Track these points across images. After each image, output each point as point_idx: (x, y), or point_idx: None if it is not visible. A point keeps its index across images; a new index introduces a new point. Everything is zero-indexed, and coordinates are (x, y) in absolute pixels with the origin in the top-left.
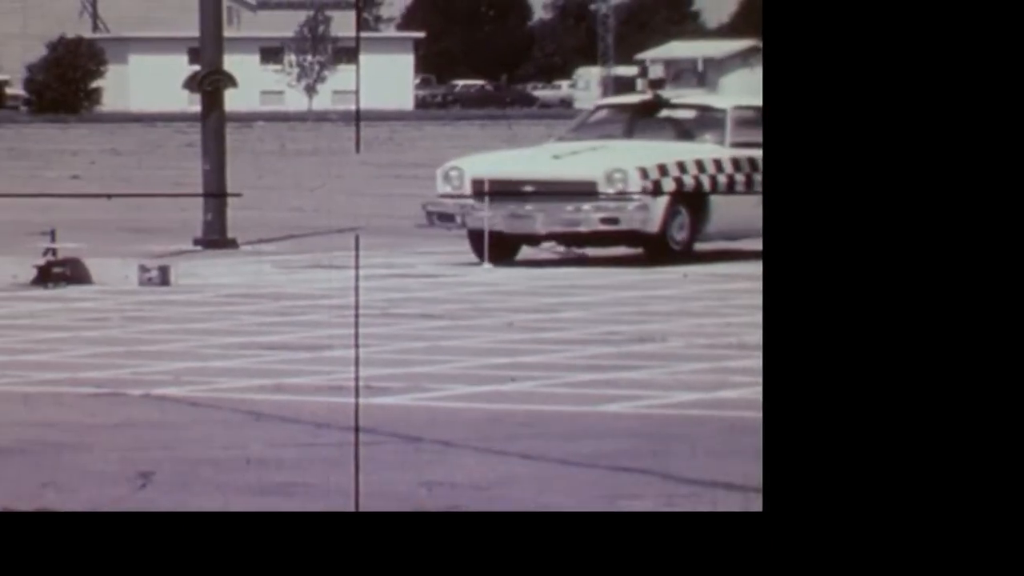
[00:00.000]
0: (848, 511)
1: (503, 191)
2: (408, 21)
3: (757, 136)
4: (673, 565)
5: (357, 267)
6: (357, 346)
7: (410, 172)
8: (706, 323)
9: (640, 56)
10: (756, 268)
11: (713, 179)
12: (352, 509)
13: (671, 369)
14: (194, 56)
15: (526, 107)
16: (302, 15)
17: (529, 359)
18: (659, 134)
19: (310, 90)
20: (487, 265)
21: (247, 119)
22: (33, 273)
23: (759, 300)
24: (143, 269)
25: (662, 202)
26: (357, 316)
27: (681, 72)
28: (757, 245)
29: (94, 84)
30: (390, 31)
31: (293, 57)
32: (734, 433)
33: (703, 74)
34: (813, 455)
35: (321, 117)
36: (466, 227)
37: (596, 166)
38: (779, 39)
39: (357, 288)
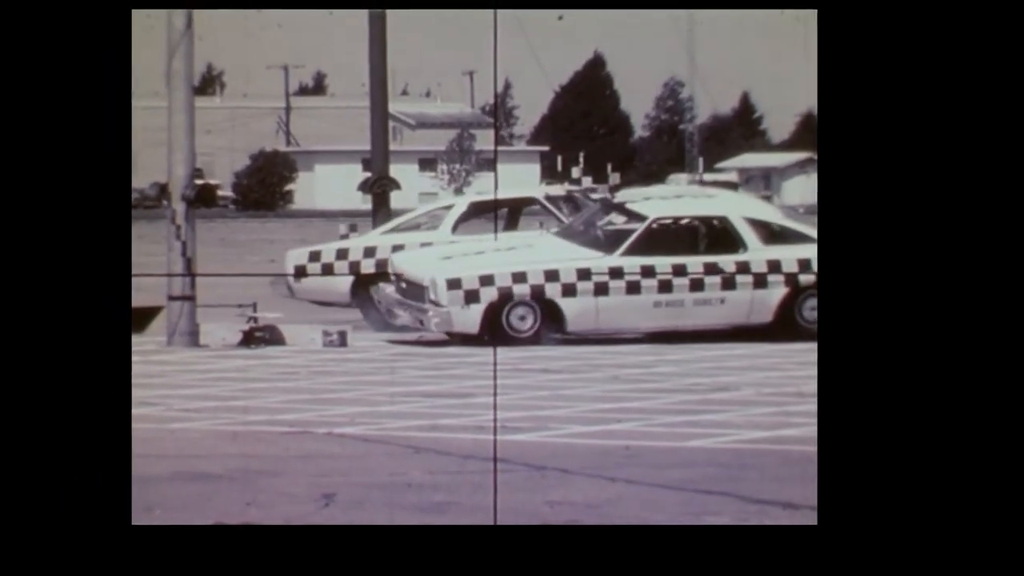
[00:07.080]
0: (887, 524)
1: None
2: (536, 137)
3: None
4: (747, 567)
5: (495, 333)
6: (495, 394)
7: None
8: (772, 375)
9: (719, 165)
10: None
11: (571, 287)
12: (491, 523)
13: (743, 412)
14: (366, 165)
15: None
16: (452, 133)
17: (631, 404)
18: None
19: (458, 192)
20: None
21: None
22: (239, 336)
23: (815, 357)
24: (326, 333)
25: (477, 310)
26: (495, 370)
27: (751, 178)
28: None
29: (287, 187)
30: (521, 145)
31: (445, 166)
32: (794, 463)
33: (769, 179)
34: (859, 480)
35: None
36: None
37: (427, 272)
38: (831, 152)
39: (495, 348)
